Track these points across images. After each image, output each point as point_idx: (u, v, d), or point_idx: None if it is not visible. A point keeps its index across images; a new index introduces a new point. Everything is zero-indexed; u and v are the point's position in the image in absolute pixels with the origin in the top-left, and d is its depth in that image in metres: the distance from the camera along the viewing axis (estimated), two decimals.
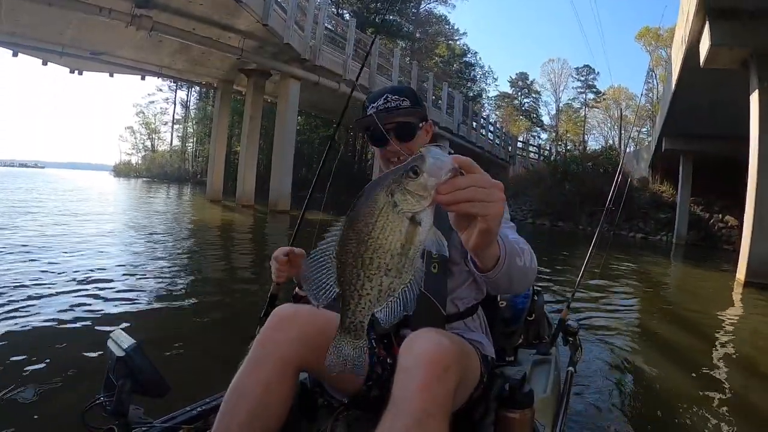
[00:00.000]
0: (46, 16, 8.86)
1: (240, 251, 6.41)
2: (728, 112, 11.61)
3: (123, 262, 4.58)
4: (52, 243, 5.28)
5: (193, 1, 8.38)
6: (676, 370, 2.49)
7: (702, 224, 17.07)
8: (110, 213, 9.84)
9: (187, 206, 13.22)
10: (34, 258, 4.40)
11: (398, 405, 0.76)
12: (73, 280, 3.72)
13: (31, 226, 6.43)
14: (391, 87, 1.15)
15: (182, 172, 33.25)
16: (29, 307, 3.00)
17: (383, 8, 26.77)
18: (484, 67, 38.78)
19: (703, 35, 7.27)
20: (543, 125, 45.53)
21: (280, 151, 11.79)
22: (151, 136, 38.45)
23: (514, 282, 0.79)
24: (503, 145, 24.38)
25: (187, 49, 11.37)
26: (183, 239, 6.84)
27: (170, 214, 10.30)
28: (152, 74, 14.20)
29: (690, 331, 3.43)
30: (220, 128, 14.59)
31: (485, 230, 0.61)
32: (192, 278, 4.37)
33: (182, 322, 3.13)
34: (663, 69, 34.07)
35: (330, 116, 22.10)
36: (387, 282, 0.56)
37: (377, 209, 0.55)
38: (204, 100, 34.98)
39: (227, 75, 13.79)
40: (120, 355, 0.96)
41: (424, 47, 30.14)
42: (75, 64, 12.77)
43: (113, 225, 7.55)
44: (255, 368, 0.91)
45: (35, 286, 3.46)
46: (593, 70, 42.45)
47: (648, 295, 5.11)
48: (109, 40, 10.62)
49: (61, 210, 9.13)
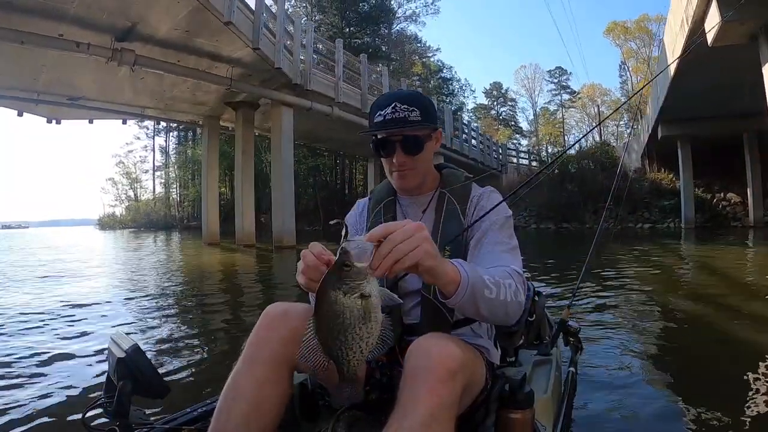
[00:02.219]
0: (17, 58, 8.20)
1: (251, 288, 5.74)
2: (726, 91, 11.65)
3: (128, 295, 4.61)
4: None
5: (178, 28, 7.83)
6: (679, 369, 2.39)
7: (706, 205, 17.04)
8: (105, 268, 9.00)
9: (185, 252, 12.37)
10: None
11: (405, 408, 0.77)
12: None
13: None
14: (399, 94, 1.06)
15: (168, 218, 32.58)
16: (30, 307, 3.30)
17: (357, 32, 26.96)
18: (460, 81, 39.29)
19: (710, 13, 7.23)
20: (522, 132, 46.15)
21: (279, 184, 11.16)
22: (132, 185, 38.13)
23: (484, 311, 0.84)
24: (494, 155, 24.34)
25: (171, 86, 10.82)
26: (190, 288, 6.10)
27: (169, 263, 9.49)
28: (134, 117, 13.58)
29: (695, 329, 3.26)
30: (211, 166, 13.92)
31: (425, 269, 0.74)
32: (196, 297, 4.49)
33: (183, 322, 3.22)
34: (635, 61, 35.12)
35: (323, 145, 21.72)
36: (364, 343, 0.70)
37: (335, 303, 0.68)
38: (183, 144, 34.53)
39: (213, 110, 13.24)
40: (120, 356, 0.96)
41: (401, 67, 30.29)
42: (52, 113, 12.05)
43: (109, 280, 6.77)
44: (248, 368, 0.91)
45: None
46: (565, 71, 43.47)
47: (655, 289, 4.88)
48: (87, 81, 9.99)
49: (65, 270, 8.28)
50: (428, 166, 1.12)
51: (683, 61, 9.39)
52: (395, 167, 1.06)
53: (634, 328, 3.24)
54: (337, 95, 11.76)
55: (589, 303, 3.95)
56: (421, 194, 1.14)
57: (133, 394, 0.95)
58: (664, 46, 11.77)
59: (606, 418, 1.82)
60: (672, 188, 17.96)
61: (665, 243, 11.15)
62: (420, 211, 1.12)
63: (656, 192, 18.23)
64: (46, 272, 6.41)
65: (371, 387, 1.00)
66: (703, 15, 7.50)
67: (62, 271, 7.35)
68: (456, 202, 1.09)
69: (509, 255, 0.98)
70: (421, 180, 1.10)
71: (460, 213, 1.07)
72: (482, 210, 1.05)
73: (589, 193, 17.62)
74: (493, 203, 1.05)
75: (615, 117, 40.42)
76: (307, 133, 15.21)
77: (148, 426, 1.01)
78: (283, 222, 10.95)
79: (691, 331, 3.22)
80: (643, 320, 3.50)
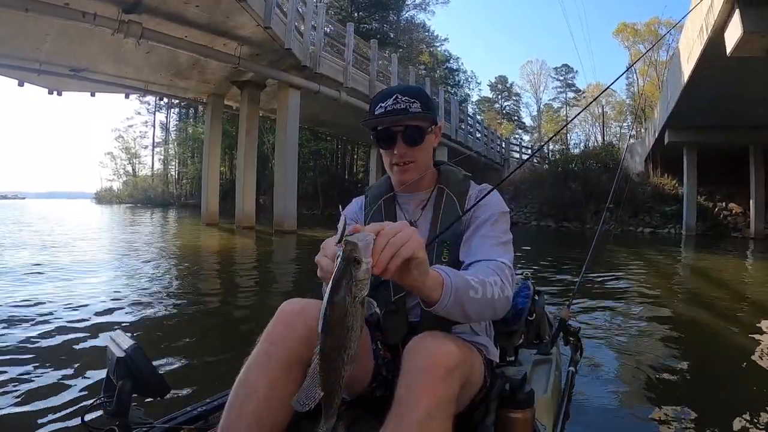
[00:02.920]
0: (20, 26, 7.94)
1: (248, 274, 5.65)
2: (738, 101, 11.54)
3: (127, 284, 4.57)
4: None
5: (189, 1, 7.58)
6: (679, 369, 2.39)
7: (708, 214, 17.01)
8: (105, 241, 8.87)
9: (183, 232, 12.25)
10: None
11: (402, 406, 0.77)
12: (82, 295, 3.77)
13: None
14: (401, 86, 1.08)
15: (166, 195, 32.37)
16: (30, 308, 3.20)
17: (366, 17, 26.52)
18: (466, 72, 38.90)
19: (731, 23, 7.20)
20: (525, 127, 45.93)
21: (282, 166, 11.01)
22: (131, 160, 37.87)
23: (471, 313, 0.84)
24: (498, 149, 24.20)
25: (176, 61, 10.57)
26: (189, 265, 6.00)
27: (168, 242, 9.37)
28: (137, 91, 13.29)
29: (694, 331, 3.32)
30: (213, 145, 13.70)
31: (417, 262, 0.73)
32: (195, 291, 4.42)
33: (183, 323, 3.18)
34: (643, 63, 34.91)
35: (326, 129, 21.45)
36: (352, 353, 0.64)
37: (347, 312, 0.61)
38: (185, 120, 34.15)
39: (218, 89, 12.98)
40: (120, 355, 0.95)
41: (408, 56, 29.89)
42: (54, 84, 11.75)
43: (111, 255, 6.64)
44: (261, 364, 0.89)
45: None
46: (572, 69, 43.12)
47: (654, 291, 4.93)
48: (91, 53, 9.71)
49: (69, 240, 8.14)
50: (428, 161, 1.10)
51: (699, 69, 9.29)
52: (396, 158, 1.05)
53: (634, 329, 3.23)
54: (345, 80, 11.54)
55: (589, 303, 3.95)
56: (419, 191, 1.12)
57: (132, 394, 0.95)
58: (678, 50, 11.58)
59: (606, 417, 1.83)
60: (674, 194, 17.93)
61: (665, 248, 11.19)
62: (419, 208, 1.11)
63: (658, 197, 18.20)
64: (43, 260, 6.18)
65: (377, 384, 1.00)
66: (723, 24, 7.42)
67: (59, 259, 7.19)
68: (455, 198, 1.08)
69: (500, 248, 0.98)
70: (421, 174, 1.08)
71: (459, 209, 1.06)
72: (481, 206, 1.04)
73: (591, 194, 17.55)
74: (492, 198, 1.05)
75: (618, 119, 40.56)
76: (311, 116, 14.98)
77: (147, 425, 1.01)
78: (284, 205, 10.83)
79: (691, 332, 3.22)
80: (642, 321, 3.49)
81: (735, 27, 6.97)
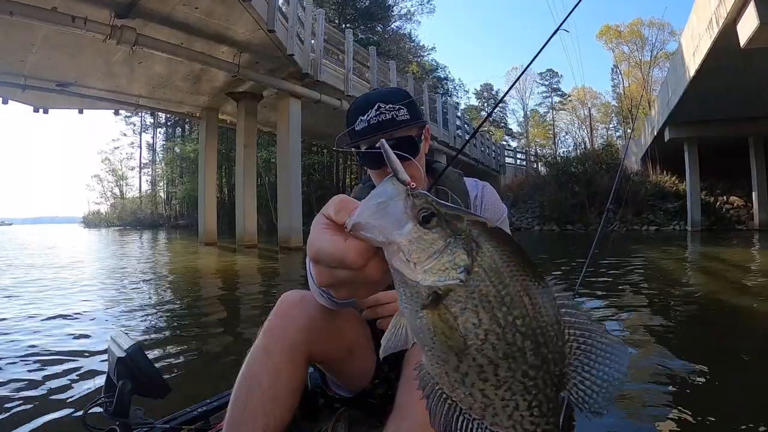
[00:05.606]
0: (4, 35, 7.36)
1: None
2: (741, 94, 11.50)
3: (130, 298, 4.52)
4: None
5: (188, 3, 7.12)
6: (681, 369, 2.36)
7: (710, 209, 16.95)
8: (101, 264, 8.24)
9: (183, 252, 11.60)
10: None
11: (402, 411, 0.78)
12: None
13: None
14: (379, 92, 0.95)
15: (156, 216, 31.54)
16: (30, 307, 3.33)
17: (354, 28, 26.42)
18: (454, 80, 39.10)
19: (745, 15, 7.26)
20: (513, 133, 46.22)
21: (285, 180, 10.51)
22: (118, 182, 36.81)
23: None
24: (493, 155, 24.16)
25: (170, 72, 10.08)
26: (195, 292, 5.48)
27: (166, 264, 8.76)
28: (128, 106, 12.69)
29: (697, 329, 3.30)
30: (209, 161, 13.15)
31: None
32: (200, 313, 4.09)
33: (183, 323, 3.21)
34: (626, 64, 35.53)
35: (322, 141, 21.05)
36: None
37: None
38: (172, 140, 33.46)
39: (212, 102, 12.50)
40: (120, 355, 0.94)
41: (397, 66, 29.86)
42: (40, 101, 11.10)
43: (109, 285, 6.08)
44: (264, 357, 0.88)
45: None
46: (557, 74, 43.70)
47: (656, 291, 4.86)
48: (80, 65, 9.13)
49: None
50: (423, 169, 1.01)
51: (707, 62, 9.26)
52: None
53: (636, 328, 3.21)
54: (346, 88, 11.18)
55: (589, 303, 3.96)
56: None
57: (133, 394, 0.95)
58: (682, 47, 11.52)
59: (606, 417, 1.68)
60: (676, 191, 17.89)
61: (672, 246, 11.01)
62: None
63: (660, 194, 18.13)
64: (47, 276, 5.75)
65: (379, 381, 1.00)
66: (736, 16, 7.49)
67: (59, 276, 6.66)
68: (458, 198, 1.01)
69: None
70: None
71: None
72: (488, 205, 1.02)
73: (594, 195, 17.40)
74: (493, 197, 1.04)
75: (605, 120, 41.12)
76: (308, 128, 14.55)
77: (148, 425, 1.01)
78: (290, 220, 10.31)
79: (694, 331, 3.21)
80: (645, 320, 3.46)
81: (750, 18, 7.08)
